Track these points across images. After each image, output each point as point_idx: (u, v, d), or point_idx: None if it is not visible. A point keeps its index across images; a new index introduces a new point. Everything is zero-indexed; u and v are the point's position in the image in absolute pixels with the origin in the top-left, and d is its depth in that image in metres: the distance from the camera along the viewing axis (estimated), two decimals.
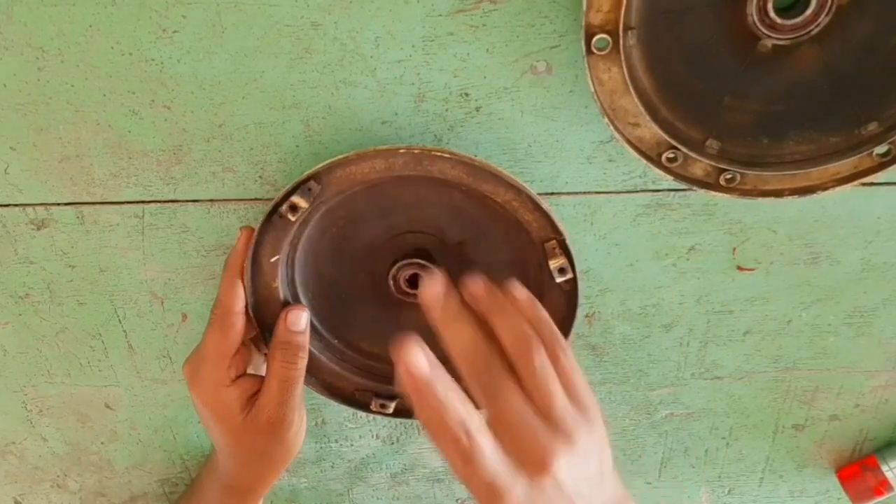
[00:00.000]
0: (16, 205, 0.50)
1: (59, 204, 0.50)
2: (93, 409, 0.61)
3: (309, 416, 0.61)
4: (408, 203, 0.48)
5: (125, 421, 0.62)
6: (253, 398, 0.48)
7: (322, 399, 0.60)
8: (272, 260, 0.47)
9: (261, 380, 0.49)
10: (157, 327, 0.56)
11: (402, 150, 0.42)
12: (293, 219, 0.45)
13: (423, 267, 0.49)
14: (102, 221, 0.51)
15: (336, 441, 0.63)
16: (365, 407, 0.54)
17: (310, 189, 0.44)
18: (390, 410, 0.54)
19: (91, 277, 0.53)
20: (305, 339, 0.48)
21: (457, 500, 0.68)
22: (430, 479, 0.66)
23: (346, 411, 0.61)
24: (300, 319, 0.48)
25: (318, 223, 0.48)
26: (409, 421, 0.62)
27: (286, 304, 0.49)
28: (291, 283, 0.50)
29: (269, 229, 0.46)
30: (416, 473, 0.66)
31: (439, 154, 0.42)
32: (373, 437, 0.63)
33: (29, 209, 0.50)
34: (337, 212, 0.48)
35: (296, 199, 0.44)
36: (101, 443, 0.63)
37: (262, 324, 0.49)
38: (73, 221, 0.51)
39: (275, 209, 0.45)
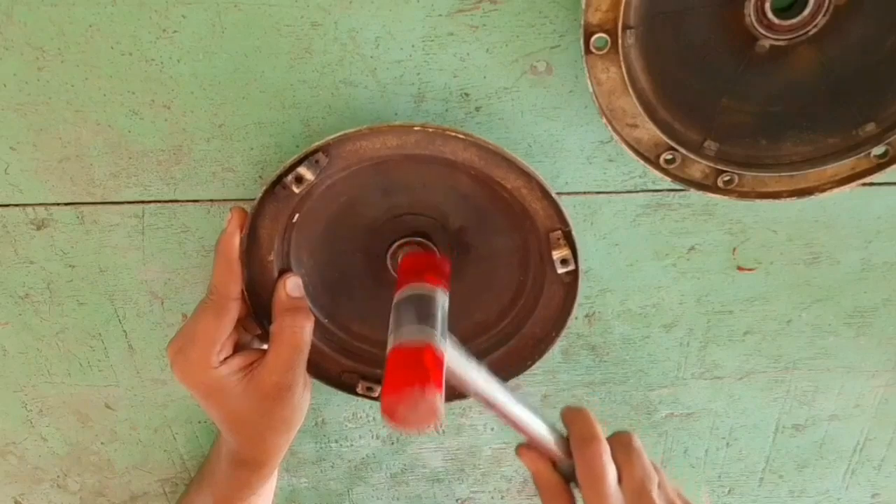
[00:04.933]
0: (16, 205, 0.50)
1: (59, 204, 0.50)
2: (93, 409, 0.61)
3: (309, 416, 0.61)
4: (412, 185, 0.47)
5: (125, 421, 0.62)
6: (248, 367, 0.47)
7: (322, 399, 0.60)
8: (271, 232, 0.46)
9: (254, 353, 0.48)
10: (157, 327, 0.56)
11: (416, 128, 0.42)
12: (297, 191, 0.44)
13: (422, 246, 0.48)
14: (102, 221, 0.51)
15: (336, 441, 0.63)
16: (351, 389, 0.53)
17: (317, 161, 0.43)
18: (376, 394, 0.53)
19: (91, 277, 0.53)
20: (307, 304, 0.48)
21: (457, 500, 0.68)
22: (430, 479, 0.66)
23: (346, 411, 0.61)
24: (299, 285, 0.48)
25: (319, 198, 0.47)
26: None
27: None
28: (286, 257, 0.49)
29: (271, 200, 0.45)
30: (416, 473, 0.66)
31: (454, 134, 0.42)
32: (373, 437, 0.63)
33: (29, 209, 0.50)
34: (340, 187, 0.47)
35: (302, 170, 0.43)
36: (101, 443, 0.63)
37: (255, 298, 0.48)
38: (73, 221, 0.51)
39: (279, 179, 0.44)
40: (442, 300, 0.44)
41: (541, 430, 0.45)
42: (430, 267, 0.46)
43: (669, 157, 0.44)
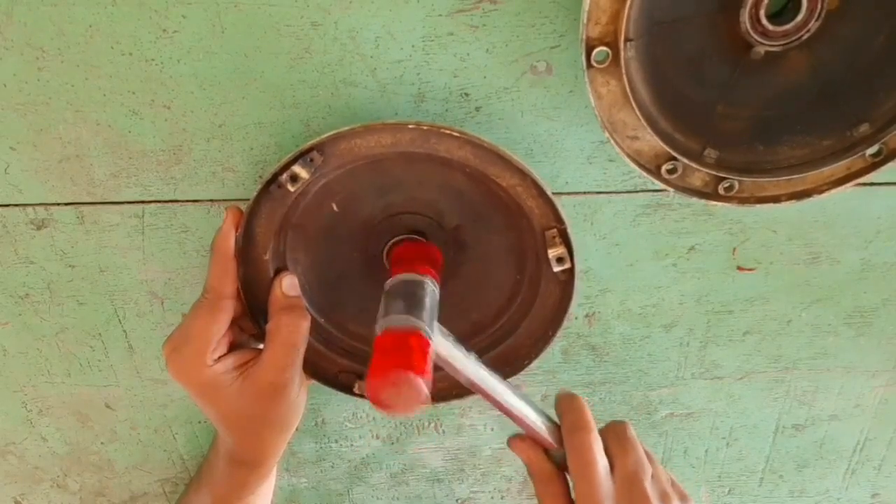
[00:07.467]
0: (16, 205, 0.50)
1: (59, 204, 0.50)
2: (93, 409, 0.61)
3: (309, 416, 0.61)
4: (408, 183, 0.47)
5: (125, 421, 0.62)
6: (243, 366, 0.47)
7: (321, 399, 0.60)
8: (267, 231, 0.46)
9: (249, 351, 0.48)
10: (157, 327, 0.56)
11: (410, 126, 0.42)
12: (292, 189, 0.44)
13: (418, 242, 0.48)
14: (102, 221, 0.51)
15: (336, 441, 0.63)
16: (348, 389, 0.53)
17: (311, 159, 0.43)
18: None
19: (91, 277, 0.53)
20: (303, 303, 0.48)
21: (457, 500, 0.68)
22: (430, 479, 0.66)
23: (346, 411, 0.61)
24: (295, 284, 0.48)
25: (315, 197, 0.47)
26: (408, 421, 0.62)
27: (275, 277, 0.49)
28: (282, 257, 0.49)
29: (266, 199, 0.45)
30: (416, 473, 0.66)
31: (448, 132, 0.42)
32: (373, 437, 0.63)
33: (29, 209, 0.50)
34: (335, 186, 0.47)
35: (297, 168, 0.43)
36: (101, 443, 0.64)
37: (250, 297, 0.48)
38: (73, 221, 0.51)
39: (274, 178, 0.44)
40: (431, 289, 0.44)
41: (533, 418, 0.46)
42: (421, 257, 0.47)
43: (671, 167, 0.44)
